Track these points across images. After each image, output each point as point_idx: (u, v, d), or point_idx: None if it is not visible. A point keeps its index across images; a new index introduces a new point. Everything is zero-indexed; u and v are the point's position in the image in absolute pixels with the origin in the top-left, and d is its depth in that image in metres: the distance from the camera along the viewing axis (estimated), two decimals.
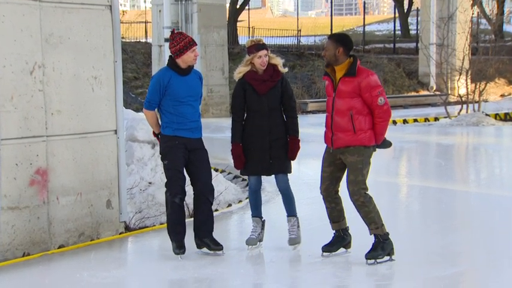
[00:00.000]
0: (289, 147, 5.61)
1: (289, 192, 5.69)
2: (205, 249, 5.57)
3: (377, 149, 5.32)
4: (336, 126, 5.21)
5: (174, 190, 5.42)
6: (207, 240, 5.54)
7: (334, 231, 5.46)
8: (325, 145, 5.40)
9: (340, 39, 5.24)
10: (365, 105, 5.16)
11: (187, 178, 5.59)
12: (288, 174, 5.69)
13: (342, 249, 5.48)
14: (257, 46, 5.57)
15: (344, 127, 5.18)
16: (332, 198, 5.37)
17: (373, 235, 5.25)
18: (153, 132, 5.71)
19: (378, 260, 5.20)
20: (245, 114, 5.67)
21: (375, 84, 5.14)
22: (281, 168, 5.62)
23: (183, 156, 5.46)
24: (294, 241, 5.63)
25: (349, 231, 5.47)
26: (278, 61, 5.64)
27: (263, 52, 5.54)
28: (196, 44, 5.47)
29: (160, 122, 5.60)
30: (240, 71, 5.64)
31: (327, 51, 5.22)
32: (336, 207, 5.39)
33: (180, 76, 5.45)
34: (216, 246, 5.53)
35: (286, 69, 5.69)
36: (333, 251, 5.44)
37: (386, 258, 5.24)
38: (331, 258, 5.40)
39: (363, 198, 5.18)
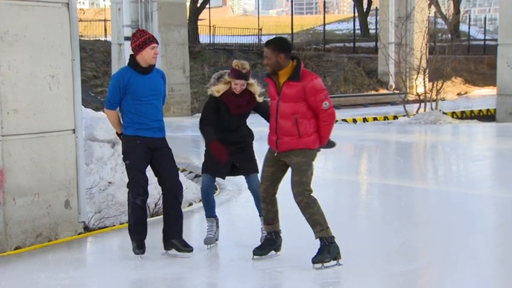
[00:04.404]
0: None
1: None
2: (173, 251, 5.47)
3: (321, 149, 5.25)
4: (281, 129, 5.12)
5: (135, 191, 5.36)
6: (175, 241, 5.44)
7: (265, 233, 5.42)
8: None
9: (279, 46, 5.10)
10: (309, 109, 5.07)
11: (155, 178, 5.54)
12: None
13: (272, 252, 5.40)
14: (237, 74, 5.50)
15: (289, 131, 5.09)
16: (270, 200, 5.28)
17: (318, 239, 5.14)
18: (116, 132, 5.64)
19: (325, 264, 5.10)
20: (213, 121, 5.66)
21: (319, 88, 5.04)
22: (252, 167, 5.64)
23: (145, 156, 5.40)
24: None
25: (281, 235, 5.41)
26: (257, 90, 5.61)
27: (240, 82, 5.50)
28: (155, 41, 5.40)
29: (122, 122, 5.53)
30: (219, 89, 5.59)
31: (268, 60, 5.09)
32: (272, 209, 5.31)
33: (140, 75, 5.38)
34: (185, 247, 5.43)
35: (261, 99, 5.64)
36: (264, 255, 5.36)
37: (333, 262, 5.13)
38: (292, 257, 5.42)
39: (307, 199, 5.08)
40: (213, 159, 5.58)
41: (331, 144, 5.35)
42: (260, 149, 5.68)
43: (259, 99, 5.64)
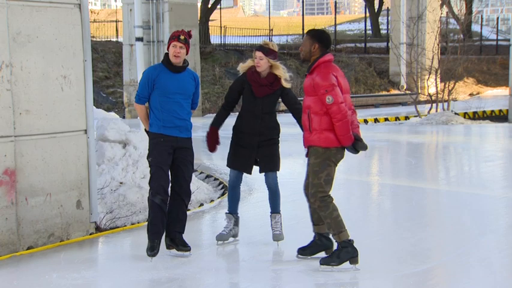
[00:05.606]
0: None
1: (277, 190, 5.77)
2: (174, 251, 5.53)
3: (350, 151, 5.10)
4: (303, 124, 5.21)
5: (155, 189, 5.40)
6: (176, 240, 5.51)
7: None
8: (300, 145, 5.38)
9: (317, 36, 5.12)
10: (323, 105, 4.99)
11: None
12: (277, 172, 5.74)
13: (322, 254, 5.32)
14: (257, 47, 5.72)
15: (305, 126, 5.14)
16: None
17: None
18: (144, 129, 5.70)
19: (337, 267, 5.05)
20: (234, 107, 5.79)
21: (322, 83, 4.95)
22: (271, 166, 5.70)
23: (167, 154, 5.44)
24: (278, 237, 5.68)
25: (330, 237, 5.28)
26: (282, 74, 5.66)
27: (258, 53, 5.64)
28: (178, 40, 5.48)
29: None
30: (247, 64, 5.75)
31: (303, 46, 5.14)
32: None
33: (170, 72, 5.48)
34: (183, 247, 5.49)
35: (289, 85, 5.71)
36: (306, 255, 5.33)
37: (351, 266, 5.08)
38: (305, 257, 5.41)
39: (318, 202, 5.01)
40: (238, 154, 5.66)
41: (361, 146, 5.06)
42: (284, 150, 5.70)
43: (286, 84, 5.68)
